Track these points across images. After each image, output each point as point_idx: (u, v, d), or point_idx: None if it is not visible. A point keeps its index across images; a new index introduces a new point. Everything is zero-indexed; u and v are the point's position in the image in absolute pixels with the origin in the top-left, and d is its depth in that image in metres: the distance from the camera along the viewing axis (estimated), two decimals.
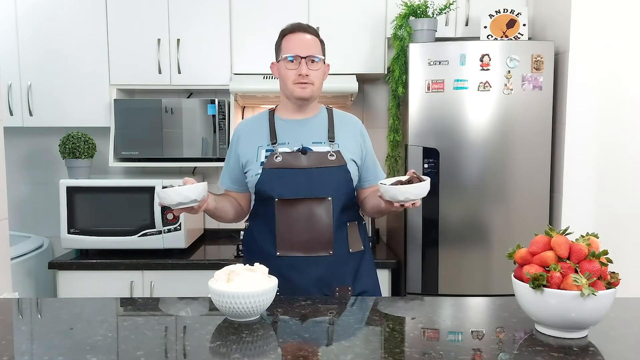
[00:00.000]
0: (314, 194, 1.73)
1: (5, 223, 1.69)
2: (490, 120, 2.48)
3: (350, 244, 1.79)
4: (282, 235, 1.73)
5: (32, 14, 2.76)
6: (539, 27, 2.76)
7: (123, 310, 1.46)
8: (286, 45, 1.76)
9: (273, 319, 1.32)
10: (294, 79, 1.73)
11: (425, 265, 2.53)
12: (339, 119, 1.84)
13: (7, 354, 1.10)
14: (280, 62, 1.77)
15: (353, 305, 1.50)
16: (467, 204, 2.51)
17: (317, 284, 1.73)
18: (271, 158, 1.74)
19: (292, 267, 1.72)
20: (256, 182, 1.75)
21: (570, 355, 1.09)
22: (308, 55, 1.72)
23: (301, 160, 1.74)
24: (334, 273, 1.75)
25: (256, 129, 1.82)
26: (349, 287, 1.77)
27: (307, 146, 1.76)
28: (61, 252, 2.76)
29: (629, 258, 2.37)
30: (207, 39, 2.79)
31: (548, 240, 1.20)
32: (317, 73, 1.75)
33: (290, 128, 1.79)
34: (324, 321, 1.30)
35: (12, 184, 2.91)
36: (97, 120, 2.81)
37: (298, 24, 1.80)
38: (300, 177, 1.73)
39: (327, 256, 1.74)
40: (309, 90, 1.74)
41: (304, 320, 1.31)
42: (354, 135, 1.83)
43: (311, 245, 1.73)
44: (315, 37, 1.78)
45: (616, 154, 2.48)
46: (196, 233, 2.96)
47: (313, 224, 1.73)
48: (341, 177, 1.76)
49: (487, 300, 1.52)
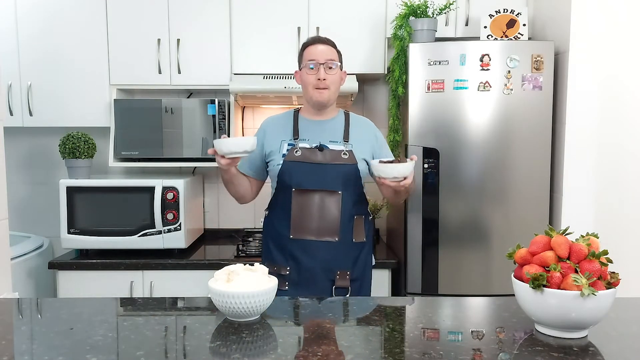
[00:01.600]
0: (326, 187, 1.95)
1: (5, 223, 1.69)
2: (490, 120, 2.47)
3: (354, 235, 2.00)
4: (296, 220, 1.96)
5: (32, 14, 2.76)
6: (539, 27, 2.76)
7: (123, 310, 1.46)
8: (307, 54, 1.98)
9: (273, 319, 1.32)
10: (314, 84, 1.95)
11: (425, 265, 2.53)
12: (355, 122, 2.06)
13: (7, 354, 1.10)
14: (302, 70, 2.00)
15: (353, 305, 1.50)
16: (467, 204, 2.51)
17: (321, 265, 1.95)
18: (292, 151, 1.97)
19: (303, 248, 1.95)
20: (278, 171, 1.96)
21: (570, 355, 1.09)
22: (325, 61, 1.95)
23: (317, 155, 1.96)
24: (337, 258, 1.97)
25: (281, 125, 2.04)
26: (347, 272, 1.98)
27: (324, 144, 1.98)
28: (61, 252, 2.76)
29: (629, 258, 2.38)
30: (207, 39, 2.79)
31: (548, 240, 1.20)
32: (333, 78, 1.96)
33: (311, 127, 2.02)
34: (324, 321, 1.30)
35: (12, 184, 2.92)
36: (97, 120, 2.82)
37: (318, 37, 2.05)
38: (316, 171, 1.95)
39: (333, 242, 1.95)
40: (325, 95, 1.96)
41: (304, 320, 1.31)
42: (367, 137, 2.04)
43: (320, 231, 1.95)
44: (332, 47, 2.00)
45: (616, 154, 2.48)
46: (196, 233, 2.96)
47: (323, 213, 1.95)
48: (352, 174, 1.97)
49: (487, 300, 1.52)
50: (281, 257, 1.99)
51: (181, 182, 2.66)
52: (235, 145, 1.76)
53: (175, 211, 2.64)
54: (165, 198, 2.63)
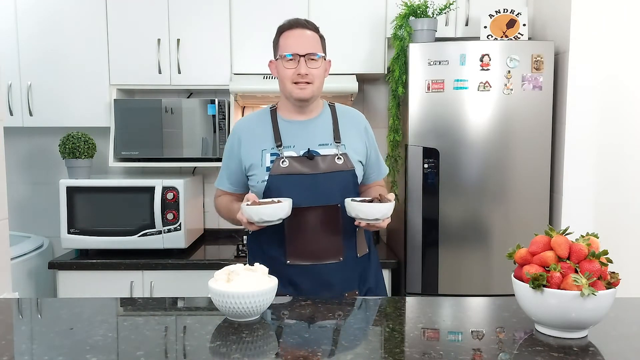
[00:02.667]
0: (322, 202, 1.68)
1: (5, 223, 1.69)
2: (490, 120, 2.47)
3: (357, 249, 1.77)
4: (292, 243, 1.69)
5: (32, 14, 2.76)
6: (539, 27, 2.76)
7: (123, 310, 1.46)
8: (284, 42, 1.69)
9: (273, 319, 1.31)
10: (293, 78, 1.66)
11: (425, 265, 2.53)
12: (343, 116, 1.79)
13: (7, 354, 1.10)
14: (278, 60, 1.70)
15: (353, 305, 1.50)
16: (467, 204, 2.51)
17: (326, 290, 1.70)
18: (277, 163, 1.68)
19: (302, 274, 1.70)
20: (263, 189, 1.69)
21: (570, 355, 1.09)
22: (307, 53, 1.66)
23: (308, 165, 1.68)
24: (343, 278, 1.73)
25: (258, 130, 1.75)
26: (356, 291, 1.76)
27: (314, 149, 1.70)
28: (61, 252, 2.76)
29: (629, 258, 2.38)
30: (207, 39, 2.79)
31: (548, 240, 1.20)
32: (317, 71, 1.68)
33: (294, 130, 1.73)
34: (324, 321, 1.30)
35: (12, 184, 2.92)
36: (97, 120, 2.82)
37: (296, 19, 1.72)
38: (308, 184, 1.67)
39: (336, 262, 1.71)
40: (308, 91, 1.67)
41: (304, 320, 1.31)
42: (358, 132, 1.78)
43: (321, 253, 1.70)
44: (314, 32, 1.71)
45: (616, 154, 2.48)
46: (196, 233, 2.96)
47: (323, 232, 1.69)
48: (349, 182, 1.72)
49: (487, 300, 1.52)
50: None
51: (181, 182, 2.66)
52: (270, 214, 1.54)
53: (175, 211, 2.64)
54: (165, 198, 2.63)
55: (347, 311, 1.43)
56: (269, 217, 1.55)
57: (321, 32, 1.76)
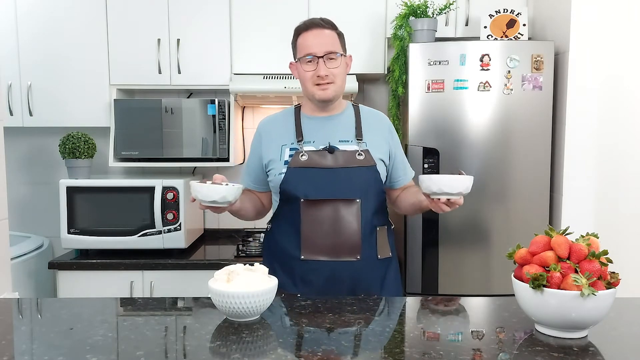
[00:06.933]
0: (341, 195, 1.65)
1: (5, 223, 1.69)
2: (490, 120, 2.47)
3: (379, 250, 1.70)
4: (307, 237, 1.65)
5: (32, 14, 2.76)
6: (539, 27, 2.76)
7: (123, 310, 1.46)
8: (302, 44, 1.68)
9: (273, 319, 1.31)
10: (314, 80, 1.66)
11: (425, 265, 2.53)
12: (367, 116, 1.77)
13: (7, 354, 1.10)
14: (297, 63, 1.70)
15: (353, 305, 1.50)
16: (467, 204, 2.49)
17: (341, 290, 1.65)
18: (296, 156, 1.66)
19: (317, 271, 1.65)
20: (280, 181, 1.67)
21: (570, 355, 1.09)
22: (325, 53, 1.65)
23: (328, 159, 1.66)
24: (361, 280, 1.67)
25: (280, 127, 1.75)
26: (374, 295, 1.68)
27: (334, 145, 1.68)
28: (61, 252, 2.76)
29: (629, 258, 2.38)
30: (207, 39, 2.79)
31: (548, 240, 1.20)
32: (337, 70, 1.67)
33: (316, 126, 1.72)
34: (324, 321, 1.30)
35: (12, 184, 2.92)
36: (97, 120, 2.82)
37: (311, 19, 1.72)
38: (327, 177, 1.65)
39: (353, 261, 1.65)
40: (330, 91, 1.67)
41: (304, 320, 1.31)
42: (382, 133, 1.76)
43: (337, 249, 1.65)
44: (332, 30, 1.70)
45: (616, 154, 2.48)
46: (196, 233, 2.96)
47: (340, 227, 1.64)
48: (370, 178, 1.68)
49: (487, 300, 1.52)
50: (289, 280, 1.68)
51: (181, 182, 2.66)
52: (216, 193, 1.50)
53: (175, 211, 2.64)
54: (165, 198, 2.63)
55: (347, 311, 1.43)
56: (204, 196, 1.52)
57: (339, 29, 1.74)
